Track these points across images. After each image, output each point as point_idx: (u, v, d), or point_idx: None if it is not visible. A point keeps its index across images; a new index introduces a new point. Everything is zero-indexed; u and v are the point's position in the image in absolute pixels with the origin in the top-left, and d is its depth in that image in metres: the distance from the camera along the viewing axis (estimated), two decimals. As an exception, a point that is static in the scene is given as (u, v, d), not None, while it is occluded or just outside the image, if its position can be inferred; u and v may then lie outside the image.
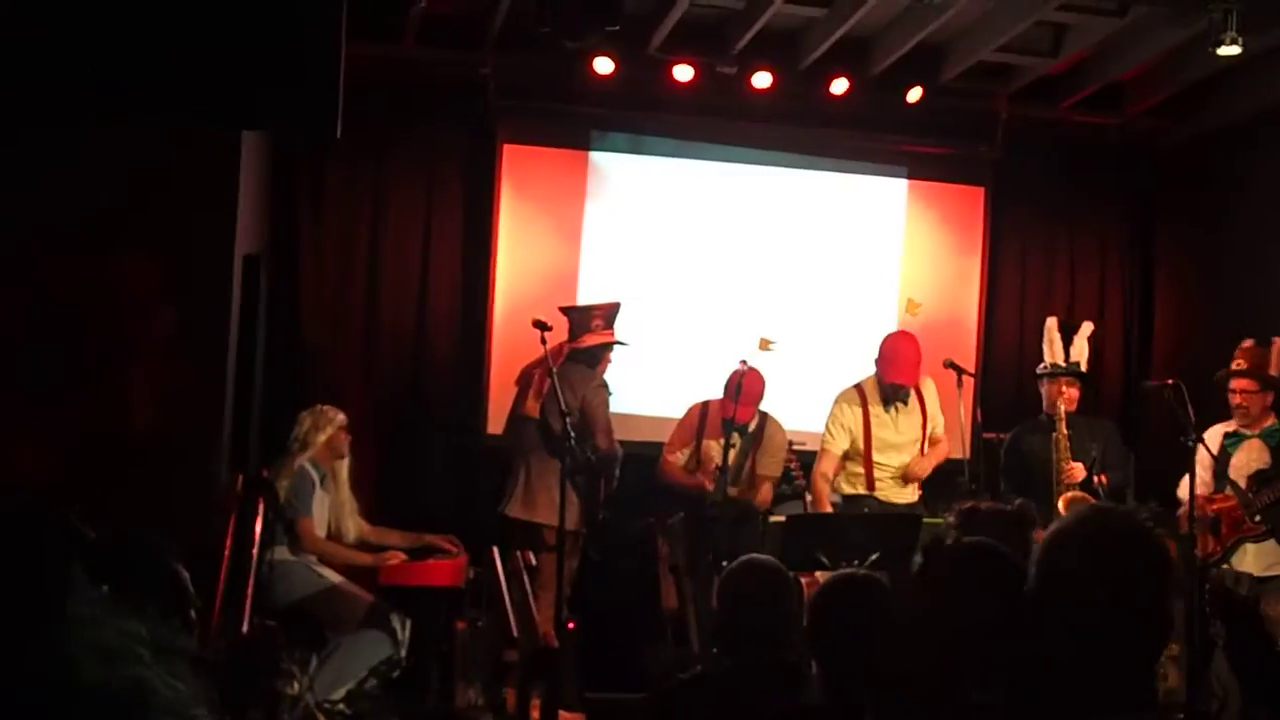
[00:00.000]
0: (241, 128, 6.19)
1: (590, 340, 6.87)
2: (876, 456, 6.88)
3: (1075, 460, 6.69)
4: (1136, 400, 7.82)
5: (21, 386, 5.51)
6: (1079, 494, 6.58)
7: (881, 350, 6.97)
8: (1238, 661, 6.28)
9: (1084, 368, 6.94)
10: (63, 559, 2.39)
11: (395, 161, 8.04)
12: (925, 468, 7.01)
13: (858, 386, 7.03)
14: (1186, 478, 6.47)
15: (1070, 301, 8.65)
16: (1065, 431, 6.75)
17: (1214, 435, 6.56)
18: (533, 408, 6.87)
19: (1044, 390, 6.95)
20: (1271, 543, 6.34)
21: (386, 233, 8.01)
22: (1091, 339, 7.07)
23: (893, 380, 6.88)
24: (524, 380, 7.06)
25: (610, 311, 7.01)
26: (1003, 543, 2.75)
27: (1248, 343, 6.59)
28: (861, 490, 6.93)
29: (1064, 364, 6.91)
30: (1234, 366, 6.53)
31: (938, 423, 7.07)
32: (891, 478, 6.93)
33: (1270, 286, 7.81)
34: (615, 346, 7.03)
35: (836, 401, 7.02)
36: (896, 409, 6.93)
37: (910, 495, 6.96)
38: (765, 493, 6.94)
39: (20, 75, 4.10)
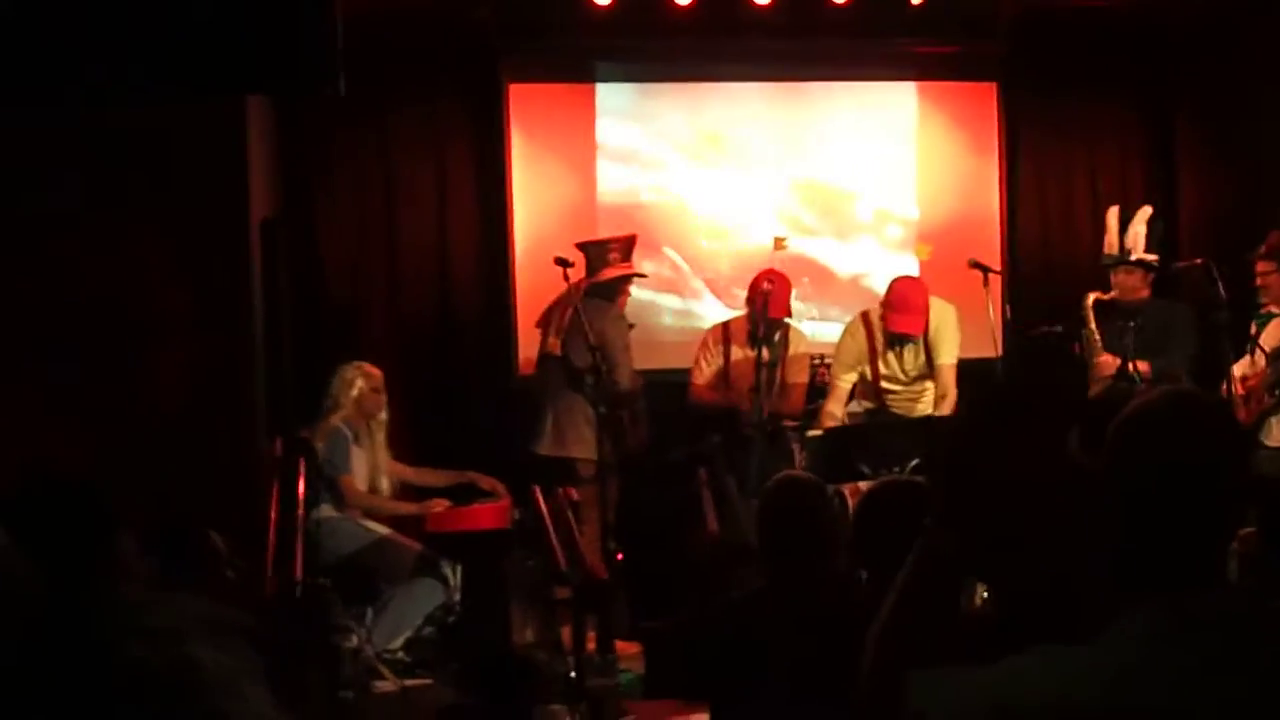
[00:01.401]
0: (244, 93, 6.19)
1: (608, 274, 6.87)
2: (884, 384, 6.82)
3: (1110, 351, 6.66)
4: (1168, 281, 7.75)
5: (48, 376, 5.56)
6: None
7: (889, 297, 6.74)
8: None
9: (1138, 255, 6.81)
10: (106, 540, 2.42)
11: (401, 112, 8.01)
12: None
13: (864, 317, 6.89)
14: (1235, 365, 6.52)
15: (1092, 190, 8.56)
16: (1093, 325, 6.74)
17: (1252, 322, 6.63)
18: (554, 345, 6.90)
19: None
20: None
21: (400, 184, 8.00)
22: (1151, 222, 6.92)
23: (899, 329, 6.67)
24: (546, 320, 7.08)
25: (626, 244, 7.00)
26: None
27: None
28: (873, 406, 6.90)
29: (1116, 254, 6.85)
30: (1259, 250, 6.61)
31: (943, 352, 6.80)
32: (902, 399, 6.85)
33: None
34: (634, 278, 7.03)
35: (843, 335, 6.90)
36: (899, 350, 6.78)
37: (924, 409, 6.85)
38: (798, 398, 6.91)
39: (14, 62, 4.11)
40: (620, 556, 6.08)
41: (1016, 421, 2.47)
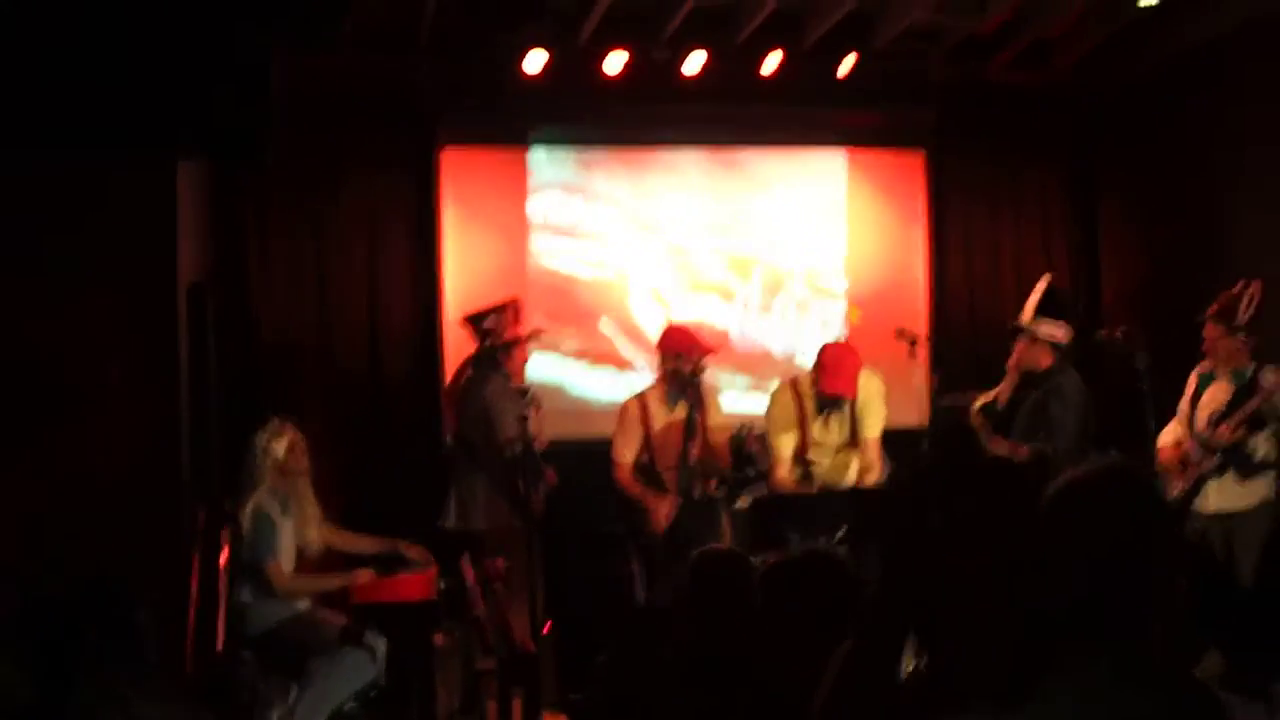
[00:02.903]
0: (175, 158, 6.16)
1: (490, 342, 6.79)
2: (810, 454, 6.80)
3: (996, 434, 6.73)
4: (1090, 352, 7.85)
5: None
6: None
7: (821, 360, 6.67)
8: (1200, 608, 6.33)
9: (1024, 322, 6.84)
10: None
11: (335, 173, 8.01)
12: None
13: (792, 384, 6.85)
14: (1165, 429, 6.59)
15: (1018, 258, 8.70)
16: (976, 410, 6.82)
17: (1193, 376, 6.67)
18: (449, 423, 6.97)
19: None
20: (1230, 478, 6.42)
21: (333, 248, 7.99)
22: (1048, 292, 6.89)
23: (831, 391, 6.60)
24: (446, 396, 7.17)
25: (504, 310, 6.87)
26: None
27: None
28: (799, 475, 6.88)
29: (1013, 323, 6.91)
30: (1209, 311, 6.59)
31: (869, 425, 6.76)
32: (827, 469, 6.84)
33: (1211, 226, 7.88)
34: (524, 342, 6.90)
35: (772, 402, 6.84)
36: (829, 416, 6.73)
37: (850, 479, 6.84)
38: (724, 451, 6.84)
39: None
40: (548, 628, 6.04)
41: (948, 493, 2.52)
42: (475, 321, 6.85)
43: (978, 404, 6.90)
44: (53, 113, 5.27)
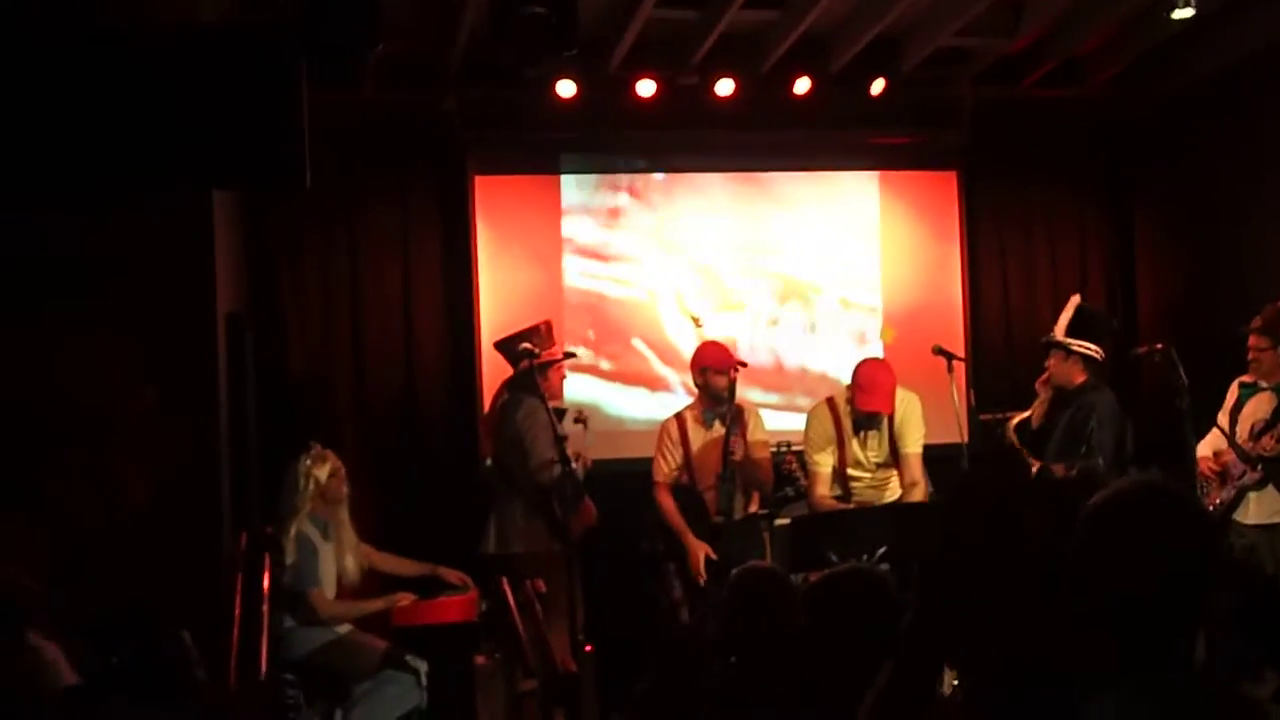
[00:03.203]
0: (211, 188, 6.22)
1: (523, 365, 6.69)
2: (850, 471, 6.80)
3: (1033, 456, 6.68)
4: (1128, 368, 7.82)
5: (9, 473, 5.50)
6: None
7: (856, 378, 6.72)
8: (1247, 623, 6.26)
9: (1058, 338, 6.83)
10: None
11: (368, 205, 8.07)
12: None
13: (829, 402, 6.87)
14: (1204, 440, 6.59)
15: (1053, 276, 8.69)
16: (1011, 428, 6.77)
17: (1234, 387, 6.68)
18: (486, 448, 6.94)
19: None
20: (1271, 490, 6.42)
21: (367, 276, 8.04)
22: (1080, 310, 6.89)
23: (867, 408, 6.65)
24: (484, 422, 7.14)
25: (537, 332, 6.82)
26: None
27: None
28: (839, 493, 6.87)
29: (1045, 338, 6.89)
30: (1253, 324, 6.61)
31: (909, 441, 6.78)
32: (867, 486, 6.84)
33: (1247, 241, 7.85)
34: (558, 363, 6.85)
35: (810, 420, 6.87)
36: (866, 434, 6.75)
37: (889, 497, 6.80)
38: (767, 470, 6.83)
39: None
40: (589, 648, 6.03)
41: (991, 513, 2.51)
42: (507, 345, 6.82)
43: (1014, 421, 6.87)
44: (89, 149, 5.33)
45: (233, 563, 5.64)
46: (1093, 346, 6.73)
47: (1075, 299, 6.97)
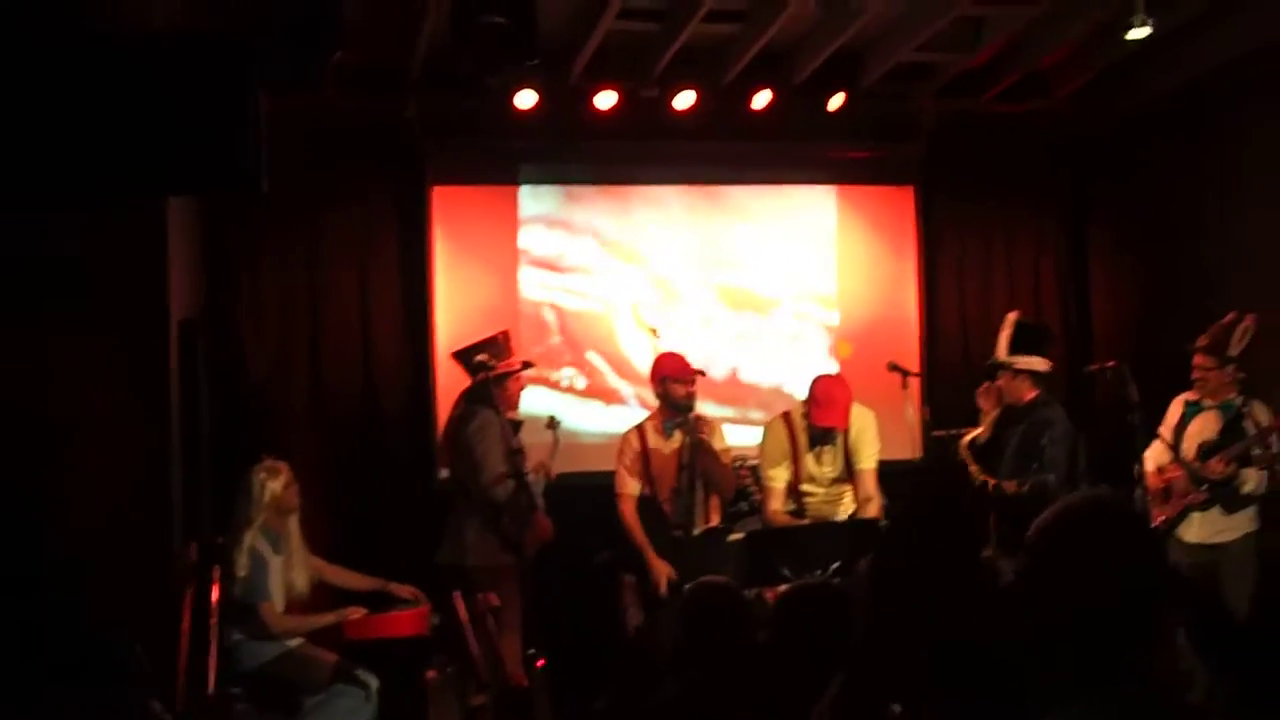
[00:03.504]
0: (167, 194, 6.16)
1: (480, 377, 6.68)
2: (804, 487, 6.81)
3: (985, 475, 6.71)
4: (1080, 384, 7.87)
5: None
6: None
7: (813, 394, 6.69)
8: (1199, 639, 6.32)
9: (1000, 358, 6.86)
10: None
11: (327, 211, 8.03)
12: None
13: (785, 417, 6.85)
14: (1147, 453, 6.60)
15: (1009, 292, 8.72)
16: (964, 445, 6.82)
17: (1176, 404, 6.71)
18: (443, 459, 6.97)
19: None
20: (1215, 510, 6.48)
21: (324, 283, 8.00)
22: (1019, 326, 6.85)
23: (823, 424, 6.64)
24: (443, 434, 7.10)
25: (494, 343, 6.82)
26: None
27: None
28: (792, 508, 6.87)
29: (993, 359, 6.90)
30: (1199, 342, 6.64)
31: (863, 457, 6.76)
32: (821, 502, 6.85)
33: (1202, 258, 7.91)
34: (514, 375, 6.82)
35: (766, 434, 6.86)
36: (821, 449, 6.74)
37: (843, 512, 6.79)
38: (729, 481, 6.88)
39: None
40: (541, 662, 6.00)
41: (936, 535, 2.52)
42: (464, 356, 6.79)
43: (965, 439, 6.90)
44: (42, 154, 5.27)
45: (184, 574, 5.60)
46: (1037, 360, 6.76)
47: (1012, 316, 6.99)
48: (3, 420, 5.62)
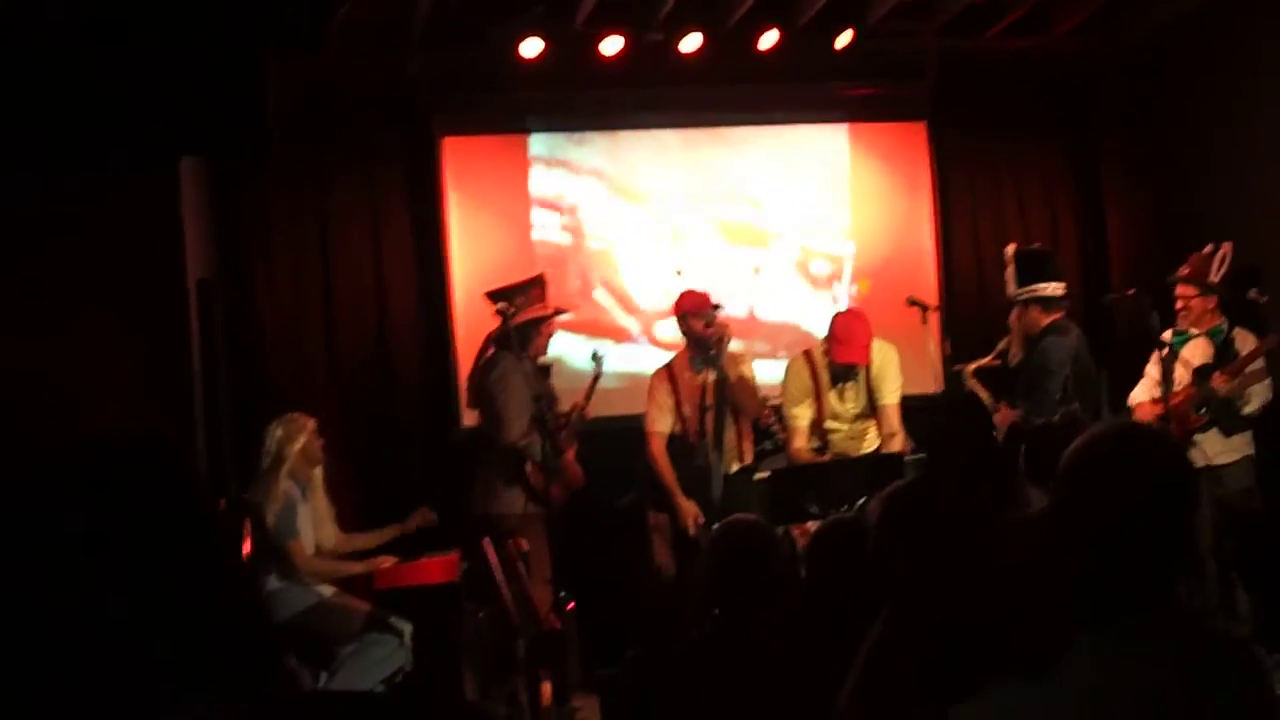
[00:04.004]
0: (177, 156, 6.16)
1: (517, 320, 6.60)
2: (827, 424, 6.82)
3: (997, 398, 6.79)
4: (1101, 314, 7.85)
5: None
6: None
7: (833, 330, 6.69)
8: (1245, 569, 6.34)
9: (1011, 292, 6.88)
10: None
11: (337, 169, 8.00)
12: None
13: (806, 355, 6.85)
14: (1135, 389, 6.79)
15: (1023, 226, 8.68)
16: (970, 374, 6.92)
17: (1165, 336, 6.73)
18: (470, 401, 6.96)
19: None
20: (1213, 432, 6.60)
21: (337, 240, 7.98)
22: (1020, 258, 6.89)
23: (844, 360, 6.63)
24: (470, 378, 7.07)
25: (528, 287, 6.75)
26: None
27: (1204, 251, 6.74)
28: (817, 445, 6.88)
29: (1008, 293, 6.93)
30: (1180, 272, 6.74)
31: (886, 392, 6.75)
32: (845, 438, 6.85)
33: (1214, 186, 7.88)
34: (548, 320, 6.78)
35: (787, 373, 6.86)
36: (844, 386, 6.75)
37: (867, 448, 6.80)
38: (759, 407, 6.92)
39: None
40: (571, 605, 6.02)
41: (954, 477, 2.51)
42: (496, 298, 6.67)
43: (971, 369, 6.93)
44: (52, 118, 5.27)
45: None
46: (1044, 285, 6.75)
47: (1010, 249, 7.01)
48: (26, 390, 5.63)
